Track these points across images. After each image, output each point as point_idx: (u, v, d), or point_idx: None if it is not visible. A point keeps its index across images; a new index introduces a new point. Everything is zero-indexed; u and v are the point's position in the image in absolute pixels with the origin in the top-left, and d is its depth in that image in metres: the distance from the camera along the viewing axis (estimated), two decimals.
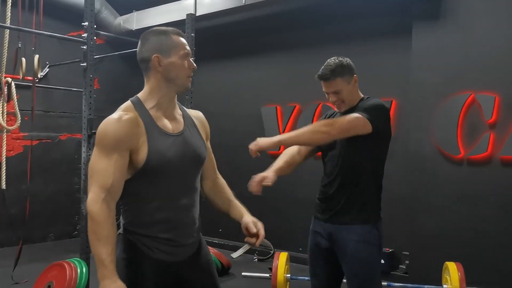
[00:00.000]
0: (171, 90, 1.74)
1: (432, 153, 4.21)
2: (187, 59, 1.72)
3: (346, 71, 2.36)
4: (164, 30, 1.76)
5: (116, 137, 1.61)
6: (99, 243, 1.56)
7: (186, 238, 1.77)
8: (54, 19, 5.52)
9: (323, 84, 2.40)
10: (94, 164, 1.63)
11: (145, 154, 1.64)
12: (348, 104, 2.38)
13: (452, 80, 4.11)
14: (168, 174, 1.69)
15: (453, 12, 4.13)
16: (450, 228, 4.08)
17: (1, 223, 5.10)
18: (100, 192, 1.58)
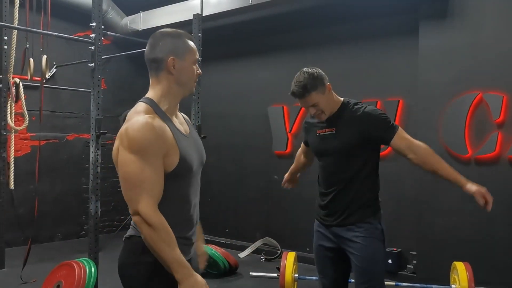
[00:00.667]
0: (180, 93, 1.76)
1: (440, 153, 4.11)
2: (196, 65, 1.77)
3: (318, 83, 2.37)
4: (178, 33, 1.75)
5: (155, 143, 1.59)
6: (170, 248, 1.58)
7: (194, 236, 1.83)
8: (60, 19, 5.54)
9: (298, 100, 2.43)
10: (138, 171, 1.57)
11: (177, 157, 1.64)
12: (329, 111, 2.44)
13: (459, 79, 4.10)
14: (191, 175, 1.73)
15: (461, 11, 4.12)
16: (458, 228, 4.07)
17: (10, 223, 5.13)
18: (153, 202, 1.58)
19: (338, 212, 2.46)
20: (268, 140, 5.52)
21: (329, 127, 2.47)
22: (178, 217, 1.71)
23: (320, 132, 2.52)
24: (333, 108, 2.45)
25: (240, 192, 5.80)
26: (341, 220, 2.44)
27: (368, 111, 2.40)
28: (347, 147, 2.41)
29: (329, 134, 2.47)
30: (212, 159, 6.13)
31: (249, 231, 5.67)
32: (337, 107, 2.46)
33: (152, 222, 1.56)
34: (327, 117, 2.44)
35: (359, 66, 4.88)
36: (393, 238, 4.57)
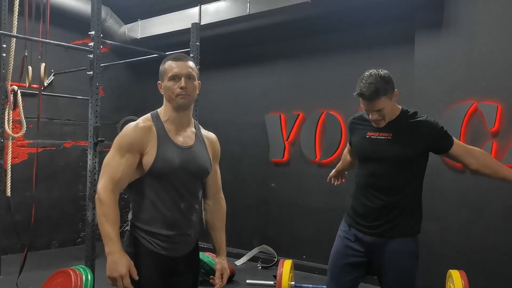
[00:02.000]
0: (173, 107, 2.00)
1: (435, 161, 4.18)
2: (175, 80, 1.97)
3: (389, 87, 2.29)
4: (165, 58, 2.05)
5: (129, 140, 1.93)
6: (108, 223, 1.86)
7: (183, 238, 2.01)
8: (59, 27, 5.56)
9: (365, 103, 2.31)
10: (108, 160, 1.93)
11: (152, 158, 1.92)
12: (389, 118, 2.34)
13: (454, 88, 4.14)
14: (170, 179, 1.95)
15: (456, 21, 4.16)
16: (453, 235, 4.09)
17: (6, 230, 5.11)
18: (109, 182, 1.89)
19: (382, 222, 2.34)
20: (265, 148, 5.54)
21: (385, 131, 2.35)
22: (153, 213, 1.95)
23: (372, 134, 2.39)
24: (392, 115, 2.35)
25: (237, 200, 5.80)
26: (383, 231, 2.33)
27: (430, 121, 2.37)
28: (405, 155, 2.30)
29: (384, 139, 2.34)
30: None
31: (245, 239, 5.67)
32: (396, 114, 2.36)
33: (101, 197, 1.88)
34: (385, 123, 2.33)
35: (356, 75, 4.82)
36: None
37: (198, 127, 2.15)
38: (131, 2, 6.08)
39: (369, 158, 2.40)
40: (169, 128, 2.00)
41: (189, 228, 2.03)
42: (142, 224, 1.97)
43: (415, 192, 2.41)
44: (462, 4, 4.13)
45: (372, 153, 2.38)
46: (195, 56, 4.40)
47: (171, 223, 1.97)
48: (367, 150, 2.41)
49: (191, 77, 1.99)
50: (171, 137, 1.98)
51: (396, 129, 2.33)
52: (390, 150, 2.32)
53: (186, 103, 1.99)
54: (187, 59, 2.02)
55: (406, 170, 2.33)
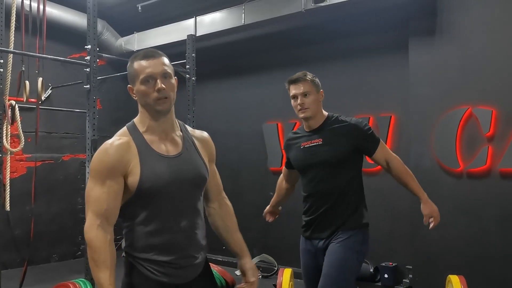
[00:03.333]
0: (150, 113, 1.73)
1: (432, 167, 4.24)
2: (150, 82, 1.68)
3: (316, 80, 2.56)
4: (133, 57, 1.77)
5: (107, 164, 1.65)
6: (97, 269, 1.60)
7: (187, 260, 1.74)
8: (55, 41, 5.59)
9: (293, 86, 2.53)
10: (89, 191, 1.67)
11: (137, 177, 1.65)
12: (313, 112, 2.50)
13: (449, 94, 4.17)
14: (164, 196, 1.68)
15: (449, 27, 4.21)
16: (452, 241, 4.10)
17: (6, 244, 5.11)
18: (95, 219, 1.63)
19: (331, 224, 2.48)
20: (263, 157, 5.56)
21: (315, 138, 2.51)
22: (152, 239, 1.69)
23: (305, 144, 2.54)
24: (317, 113, 2.53)
25: (236, 209, 5.68)
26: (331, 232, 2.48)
27: (356, 123, 2.51)
28: (335, 157, 2.45)
29: (316, 145, 2.50)
30: None
31: None
32: (323, 120, 2.54)
33: (88, 238, 1.63)
34: (309, 115, 2.49)
35: (351, 83, 4.95)
36: (388, 252, 4.61)
37: (185, 128, 1.86)
38: (127, 15, 6.13)
39: (306, 165, 2.56)
40: (151, 138, 1.72)
41: (193, 248, 1.76)
42: (138, 252, 1.70)
43: (356, 190, 2.53)
44: (455, 11, 4.18)
45: (307, 160, 2.54)
46: (191, 67, 4.42)
47: (171, 247, 1.70)
48: (303, 159, 2.57)
49: (167, 76, 1.70)
50: (154, 148, 1.71)
51: (325, 134, 2.50)
52: (321, 154, 2.48)
53: (167, 109, 1.71)
54: (159, 55, 1.72)
55: (341, 171, 2.48)
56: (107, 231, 1.63)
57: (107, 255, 1.61)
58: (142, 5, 5.65)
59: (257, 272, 1.95)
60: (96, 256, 1.60)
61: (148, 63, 1.68)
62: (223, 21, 5.25)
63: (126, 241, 1.74)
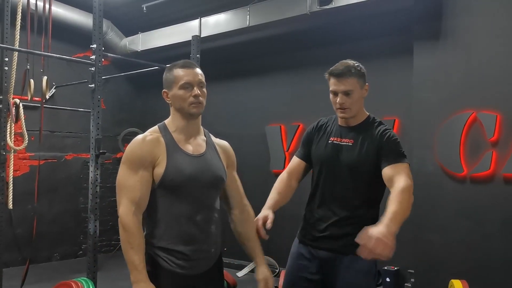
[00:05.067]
0: (182, 116, 1.93)
1: (436, 171, 4.23)
2: (188, 88, 1.89)
3: (361, 74, 2.20)
4: (171, 66, 1.97)
5: (140, 155, 1.83)
6: (132, 251, 1.76)
7: (201, 253, 1.88)
8: (60, 40, 5.61)
9: (334, 81, 2.19)
10: (123, 180, 1.83)
11: (163, 169, 1.82)
12: (353, 112, 2.19)
13: (453, 99, 4.16)
14: (183, 190, 1.85)
15: (453, 32, 4.20)
16: (455, 245, 4.09)
17: (8, 243, 5.12)
18: (130, 205, 1.79)
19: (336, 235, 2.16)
20: (266, 159, 5.56)
21: (347, 137, 2.22)
22: (167, 228, 1.84)
23: (335, 139, 2.24)
24: (358, 112, 2.21)
25: None
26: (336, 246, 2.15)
27: (391, 133, 2.18)
28: (360, 162, 2.15)
29: (346, 145, 2.20)
30: None
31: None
32: (362, 119, 2.24)
33: (124, 223, 1.77)
34: (350, 116, 2.19)
35: None
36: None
37: (209, 135, 2.06)
38: (132, 15, 6.14)
39: (329, 163, 2.23)
40: (178, 138, 1.91)
41: (207, 242, 1.90)
42: (156, 240, 1.85)
43: (372, 205, 2.20)
44: (459, 15, 4.17)
45: (332, 157, 2.22)
46: None
47: (187, 238, 1.85)
48: (328, 155, 2.23)
49: (202, 85, 1.94)
50: (181, 146, 1.90)
51: (359, 134, 2.20)
52: (348, 155, 2.18)
53: (199, 112, 1.92)
54: (196, 66, 1.95)
55: (366, 179, 2.16)
56: (139, 218, 1.80)
57: (141, 240, 1.79)
58: (147, 5, 5.66)
59: (272, 280, 2.03)
60: (132, 240, 1.76)
61: (186, 72, 1.90)
62: (227, 23, 5.26)
63: (146, 229, 1.89)
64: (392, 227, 1.85)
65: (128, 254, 1.75)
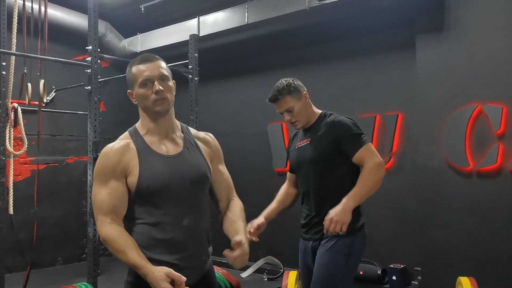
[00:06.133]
0: (150, 116, 1.79)
1: (441, 166, 4.16)
2: (148, 85, 1.73)
3: (293, 88, 2.47)
4: (130, 63, 1.82)
5: (108, 166, 1.71)
6: (123, 253, 1.64)
7: (190, 261, 1.74)
8: (60, 44, 5.57)
9: (275, 106, 2.51)
10: (94, 195, 1.73)
11: (136, 177, 1.69)
12: (304, 120, 2.48)
13: (458, 92, 4.09)
14: (164, 195, 1.71)
15: (456, 24, 4.12)
16: (462, 242, 4.01)
17: (10, 248, 5.09)
18: (105, 218, 1.69)
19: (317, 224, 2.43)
20: (268, 158, 5.50)
21: (306, 137, 2.51)
22: (153, 238, 1.70)
23: (299, 144, 2.55)
24: (309, 117, 2.50)
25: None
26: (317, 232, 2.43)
27: (341, 120, 2.42)
28: (318, 155, 2.42)
29: (306, 144, 2.50)
30: None
31: (251, 250, 5.56)
32: (315, 119, 2.51)
33: (103, 237, 1.68)
34: (302, 125, 2.49)
35: (357, 82, 4.87)
36: (396, 254, 4.53)
37: (187, 130, 1.89)
38: (130, 16, 6.09)
39: (296, 165, 2.58)
40: (151, 140, 1.77)
41: (197, 248, 1.76)
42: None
43: (346, 191, 2.34)
44: (463, 6, 4.10)
45: (297, 159, 2.55)
46: (194, 67, 4.38)
47: (174, 246, 1.70)
48: (294, 158, 2.58)
49: (164, 78, 1.74)
50: (154, 149, 1.75)
51: (313, 132, 2.48)
52: (308, 153, 2.46)
53: (165, 109, 1.75)
54: (156, 59, 1.78)
55: (329, 170, 2.41)
56: (119, 223, 1.70)
57: (127, 239, 1.67)
58: (145, 6, 5.60)
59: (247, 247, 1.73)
60: (117, 245, 1.65)
61: (145, 66, 1.74)
62: (226, 21, 5.20)
63: None
64: (349, 204, 2.24)
65: (124, 259, 1.64)
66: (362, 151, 2.34)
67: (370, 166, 2.31)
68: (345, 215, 2.22)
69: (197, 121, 4.36)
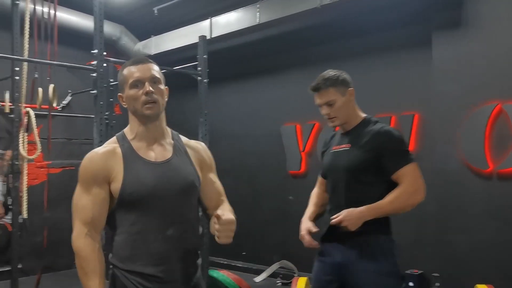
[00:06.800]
0: (139, 119, 1.72)
1: (459, 168, 4.00)
2: (138, 86, 1.67)
3: (340, 80, 2.26)
4: (123, 65, 1.77)
5: (91, 171, 1.66)
6: (86, 277, 1.60)
7: (174, 274, 1.65)
8: (76, 48, 5.61)
9: (315, 96, 2.30)
10: (75, 200, 1.67)
11: (120, 183, 1.62)
12: (343, 119, 2.26)
13: (477, 90, 3.92)
14: (149, 203, 1.64)
15: (474, 19, 3.96)
16: (481, 247, 3.84)
17: (27, 252, 5.14)
18: (83, 228, 1.63)
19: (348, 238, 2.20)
20: (282, 160, 5.41)
21: (345, 143, 2.28)
22: (134, 248, 1.63)
23: (335, 148, 2.33)
24: (349, 117, 2.27)
25: (256, 214, 5.67)
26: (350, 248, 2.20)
27: (390, 131, 2.20)
28: (357, 165, 2.18)
29: (343, 150, 2.27)
30: (226, 181, 6.03)
31: (265, 254, 5.53)
32: (357, 122, 2.28)
33: (75, 247, 1.62)
34: (339, 123, 2.27)
35: (371, 81, 4.73)
36: (413, 259, 4.36)
37: (178, 137, 1.82)
38: (144, 19, 6.08)
39: (327, 169, 2.39)
40: (138, 145, 1.70)
41: (182, 260, 1.67)
42: (123, 263, 1.64)
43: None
44: (481, 1, 3.94)
45: (330, 164, 2.34)
46: (203, 69, 4.32)
47: (157, 258, 1.63)
48: (328, 162, 2.37)
49: (156, 81, 1.68)
50: (141, 154, 1.68)
51: (354, 138, 2.26)
52: (344, 159, 2.25)
53: (155, 113, 1.68)
54: (149, 62, 1.73)
55: (361, 182, 2.20)
56: (95, 240, 1.63)
57: (96, 263, 1.61)
58: (158, 8, 5.59)
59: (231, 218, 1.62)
60: (85, 265, 1.60)
61: (137, 68, 1.69)
62: (238, 21, 5.13)
63: (112, 251, 1.69)
64: (364, 213, 2.09)
65: (83, 281, 1.59)
66: (405, 170, 2.12)
67: (407, 188, 2.12)
68: (355, 222, 2.08)
69: (206, 123, 4.29)
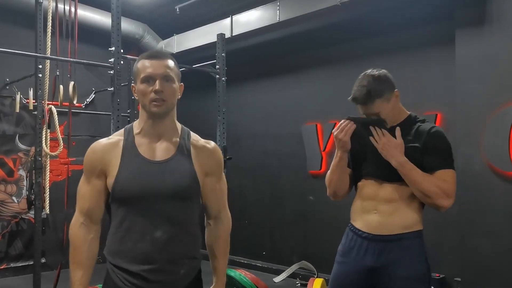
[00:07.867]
0: (148, 116, 1.67)
1: (483, 170, 3.87)
2: (149, 82, 1.62)
3: (385, 88, 2.06)
4: (139, 57, 1.73)
5: (91, 162, 1.67)
6: (72, 266, 1.66)
7: (159, 275, 1.61)
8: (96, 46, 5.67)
9: (360, 107, 2.09)
10: (78, 188, 1.72)
11: (113, 178, 1.63)
12: (390, 122, 2.08)
13: (501, 89, 3.79)
14: (138, 202, 1.62)
15: (499, 16, 3.83)
16: (506, 252, 3.71)
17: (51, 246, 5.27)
18: (79, 216, 1.69)
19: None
20: (302, 160, 5.36)
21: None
22: (121, 245, 1.64)
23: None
24: (396, 118, 2.11)
25: (276, 214, 5.64)
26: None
27: (439, 130, 2.07)
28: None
29: None
30: (247, 181, 6.06)
31: (286, 254, 5.49)
32: (402, 118, 2.13)
33: (70, 234, 1.68)
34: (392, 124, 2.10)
35: (394, 79, 4.63)
36: (435, 263, 4.22)
37: (187, 136, 1.74)
38: (166, 17, 6.13)
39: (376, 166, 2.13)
40: (141, 141, 1.66)
41: (169, 263, 1.63)
42: (112, 257, 1.67)
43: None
44: None
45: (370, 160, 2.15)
46: (221, 67, 4.32)
47: (142, 257, 1.60)
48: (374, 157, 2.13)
49: (168, 79, 1.63)
50: (140, 151, 1.65)
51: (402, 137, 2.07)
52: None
53: (162, 112, 1.63)
54: (165, 57, 1.67)
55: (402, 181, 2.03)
56: (90, 229, 1.68)
57: (83, 255, 1.66)
58: (179, 6, 5.61)
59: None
60: (74, 254, 1.66)
61: (150, 63, 1.64)
62: (258, 19, 5.11)
63: (106, 244, 1.73)
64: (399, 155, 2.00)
65: (70, 268, 1.64)
66: (446, 173, 1.99)
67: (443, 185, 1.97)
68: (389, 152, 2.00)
69: (224, 121, 4.28)
